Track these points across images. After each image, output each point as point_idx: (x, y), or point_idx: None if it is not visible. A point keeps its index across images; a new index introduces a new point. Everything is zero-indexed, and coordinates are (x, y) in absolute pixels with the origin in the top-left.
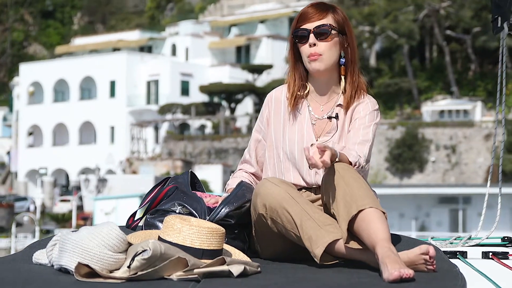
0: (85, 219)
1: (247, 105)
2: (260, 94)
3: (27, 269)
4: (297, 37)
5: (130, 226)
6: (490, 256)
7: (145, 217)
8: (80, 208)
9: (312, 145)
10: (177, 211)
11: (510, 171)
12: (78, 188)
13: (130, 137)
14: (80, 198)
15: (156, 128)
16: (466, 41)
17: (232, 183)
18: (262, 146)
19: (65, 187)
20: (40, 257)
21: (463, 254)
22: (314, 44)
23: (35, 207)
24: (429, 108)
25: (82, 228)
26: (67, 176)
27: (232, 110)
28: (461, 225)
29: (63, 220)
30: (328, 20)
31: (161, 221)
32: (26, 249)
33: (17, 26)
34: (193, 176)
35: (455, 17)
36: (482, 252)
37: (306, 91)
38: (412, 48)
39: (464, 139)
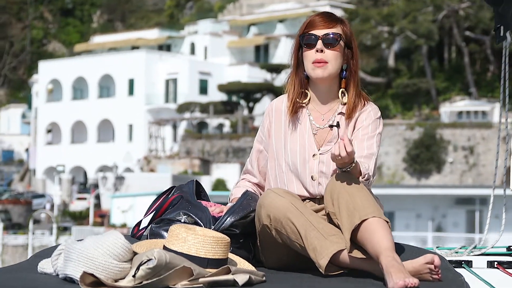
0: (102, 216)
1: (265, 104)
2: (278, 94)
3: (32, 278)
4: (305, 42)
5: (135, 235)
6: (495, 266)
7: (150, 226)
8: (97, 205)
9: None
10: (182, 220)
11: None
12: (96, 186)
13: (148, 135)
14: (98, 196)
15: (174, 127)
16: (485, 42)
17: (236, 192)
18: (264, 157)
19: (83, 184)
20: (45, 266)
21: (468, 263)
22: (322, 51)
23: (51, 205)
24: (447, 109)
25: (87, 238)
26: (85, 174)
27: (250, 109)
28: (477, 226)
29: (80, 218)
30: (338, 30)
31: (166, 230)
32: (31, 258)
33: (37, 24)
34: (198, 185)
35: (474, 18)
36: (487, 261)
37: (307, 99)
38: (431, 49)
39: (482, 140)
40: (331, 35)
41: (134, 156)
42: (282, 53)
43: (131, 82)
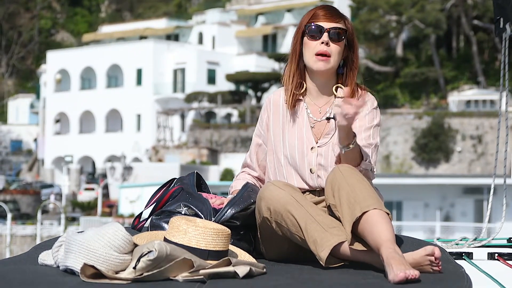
0: (111, 206)
1: None
2: None
3: (33, 270)
4: (310, 32)
5: (136, 227)
6: (496, 257)
7: (150, 218)
8: (105, 195)
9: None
10: (183, 212)
11: None
12: (104, 176)
13: (156, 125)
14: (106, 186)
15: (182, 116)
16: (494, 31)
17: (237, 185)
18: (263, 150)
19: (91, 174)
20: (45, 258)
21: (469, 255)
22: (327, 43)
23: (56, 195)
24: (455, 98)
25: (87, 229)
26: (93, 164)
27: (258, 99)
28: (485, 215)
29: (88, 208)
30: (342, 25)
31: (167, 222)
32: (32, 250)
33: (45, 14)
34: (199, 177)
35: (482, 7)
36: (488, 253)
37: (303, 90)
38: (439, 38)
39: (491, 129)
40: (337, 30)
41: (142, 146)
42: (290, 42)
43: (139, 72)
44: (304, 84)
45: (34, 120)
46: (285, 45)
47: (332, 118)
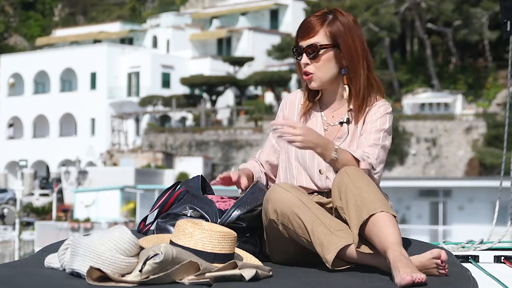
0: (65, 211)
1: (228, 97)
2: (241, 87)
3: (39, 273)
4: (294, 54)
5: (142, 230)
6: (502, 260)
7: (156, 221)
8: (60, 200)
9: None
10: (189, 215)
11: (490, 164)
12: (58, 180)
13: (110, 129)
14: (60, 191)
15: (137, 120)
16: (447, 34)
17: (247, 164)
18: (276, 150)
19: (46, 179)
20: (52, 261)
21: (475, 258)
22: (307, 64)
23: (8, 200)
24: (409, 101)
25: (94, 232)
26: (47, 168)
27: (213, 103)
28: (441, 218)
29: (43, 213)
30: (319, 37)
31: (173, 225)
32: (38, 253)
33: None
34: (204, 180)
35: (436, 10)
36: (494, 256)
37: (318, 97)
38: (393, 41)
39: (445, 132)
40: (312, 47)
41: (96, 150)
42: (245, 46)
43: (93, 76)
44: (320, 91)
45: None
46: (240, 49)
47: (345, 122)
